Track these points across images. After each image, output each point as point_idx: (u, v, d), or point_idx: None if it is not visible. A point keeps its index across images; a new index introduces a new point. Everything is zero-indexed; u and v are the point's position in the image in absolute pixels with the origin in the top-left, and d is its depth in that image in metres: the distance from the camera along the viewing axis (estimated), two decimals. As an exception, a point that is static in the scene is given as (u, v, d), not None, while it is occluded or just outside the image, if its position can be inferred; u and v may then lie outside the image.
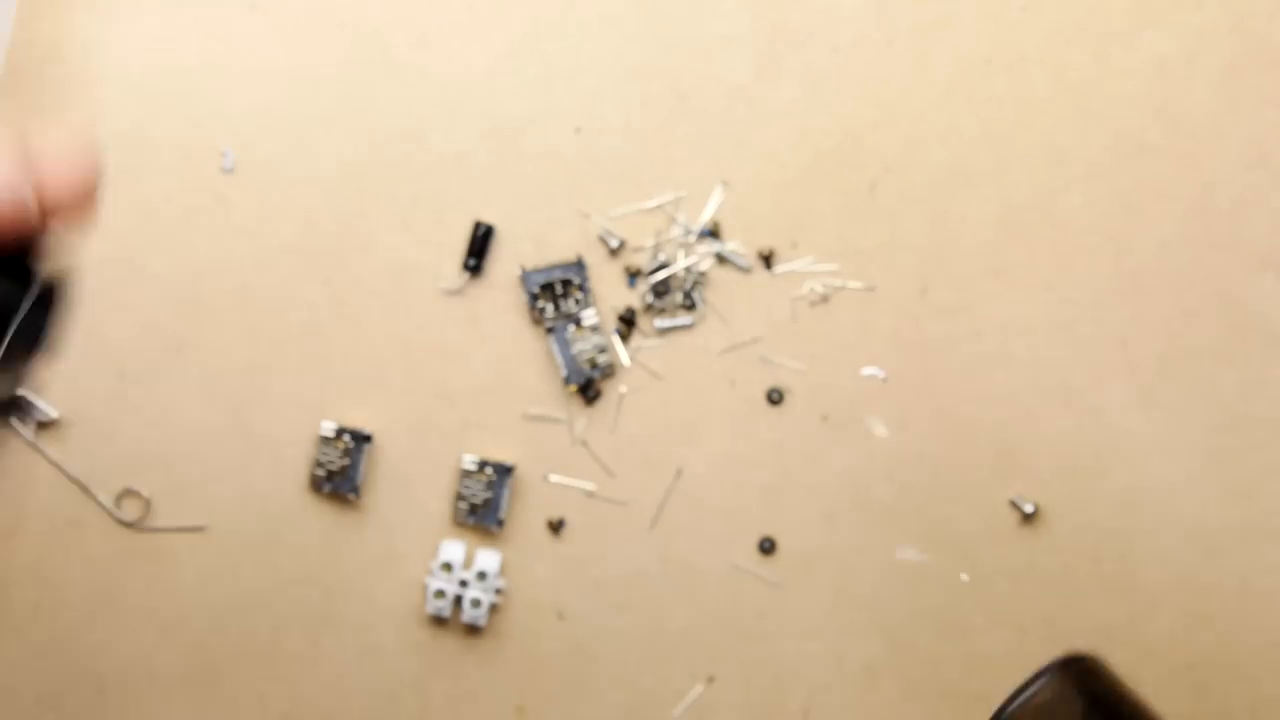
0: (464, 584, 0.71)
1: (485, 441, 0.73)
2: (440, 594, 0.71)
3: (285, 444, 0.73)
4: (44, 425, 0.72)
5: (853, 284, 0.72)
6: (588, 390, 0.72)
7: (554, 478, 0.73)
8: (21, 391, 0.38)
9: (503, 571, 0.72)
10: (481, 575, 0.71)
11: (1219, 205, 0.72)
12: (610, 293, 0.73)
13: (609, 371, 0.72)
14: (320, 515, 0.73)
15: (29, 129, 0.39)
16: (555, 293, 0.72)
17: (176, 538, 0.73)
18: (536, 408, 0.73)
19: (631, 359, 0.73)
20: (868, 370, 0.72)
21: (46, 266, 0.37)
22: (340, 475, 0.72)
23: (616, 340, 0.73)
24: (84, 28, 0.73)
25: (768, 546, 0.72)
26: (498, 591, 0.72)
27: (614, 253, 0.72)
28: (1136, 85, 0.72)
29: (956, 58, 0.72)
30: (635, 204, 0.73)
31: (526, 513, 0.73)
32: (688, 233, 0.72)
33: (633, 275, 0.72)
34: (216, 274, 0.73)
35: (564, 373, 0.72)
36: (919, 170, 0.72)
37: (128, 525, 0.73)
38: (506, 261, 0.73)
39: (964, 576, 0.72)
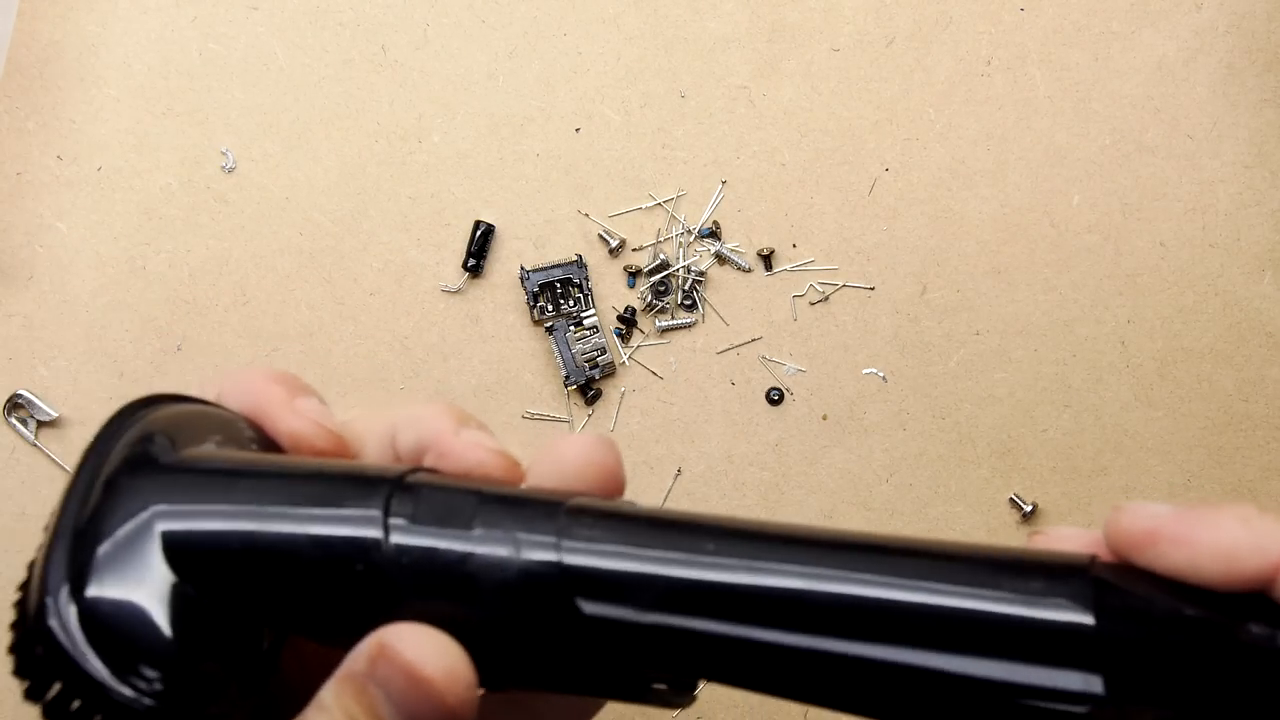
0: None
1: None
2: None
3: (285, 444, 0.73)
4: (44, 425, 0.72)
5: (853, 284, 0.72)
6: (588, 390, 0.72)
7: (554, 478, 0.73)
8: None
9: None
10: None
11: (1218, 205, 0.72)
12: (610, 293, 0.73)
13: (609, 371, 0.72)
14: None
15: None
16: (555, 292, 0.72)
17: (176, 538, 0.73)
18: (536, 408, 0.73)
19: (631, 359, 0.73)
20: (868, 370, 0.72)
21: None
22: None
23: (616, 340, 0.73)
24: (84, 27, 0.73)
25: (768, 546, 0.72)
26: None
27: (614, 252, 0.72)
28: (1136, 85, 0.72)
29: (956, 58, 0.72)
30: (635, 204, 0.73)
31: (526, 513, 0.73)
32: (687, 232, 0.72)
33: (633, 275, 0.72)
34: (216, 274, 0.73)
35: (564, 373, 0.72)
36: (919, 170, 0.72)
37: (128, 525, 0.73)
38: (506, 261, 0.73)
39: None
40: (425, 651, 0.31)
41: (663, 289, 0.72)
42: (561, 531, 0.29)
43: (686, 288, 0.72)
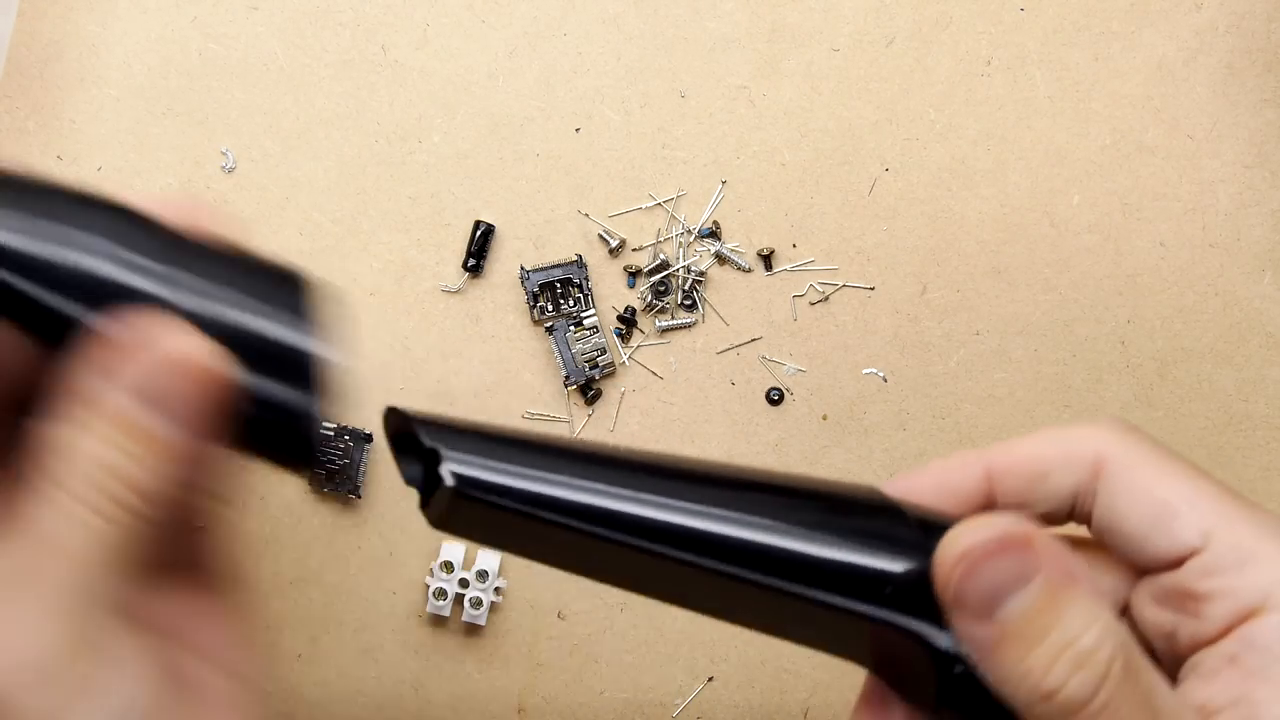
0: (464, 584, 0.71)
1: (485, 441, 0.73)
2: (440, 594, 0.71)
3: (285, 444, 0.73)
4: (44, 425, 0.72)
5: (853, 284, 0.72)
6: (588, 390, 0.72)
7: (554, 478, 0.73)
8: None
9: (503, 571, 0.72)
10: (481, 575, 0.71)
11: (1218, 205, 0.72)
12: (610, 293, 0.73)
13: (609, 371, 0.72)
14: (320, 515, 0.73)
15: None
16: (555, 292, 0.72)
17: (176, 538, 0.73)
18: (536, 408, 0.73)
19: (631, 359, 0.73)
20: (868, 370, 0.72)
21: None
22: (341, 475, 0.72)
23: (616, 340, 0.73)
24: (84, 27, 0.73)
25: (768, 546, 0.72)
26: (498, 591, 0.72)
27: (614, 253, 0.72)
28: (1136, 85, 0.72)
29: (956, 58, 0.72)
30: (635, 204, 0.73)
31: (526, 513, 0.73)
32: (687, 232, 0.72)
33: (633, 275, 0.72)
34: (216, 274, 0.73)
35: (564, 373, 0.72)
36: (919, 170, 0.72)
37: (127, 525, 0.73)
38: (506, 261, 0.73)
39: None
40: (187, 340, 0.32)
41: (663, 289, 0.72)
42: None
43: (686, 288, 0.72)
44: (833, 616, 0.37)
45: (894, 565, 0.37)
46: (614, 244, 0.72)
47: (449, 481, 0.35)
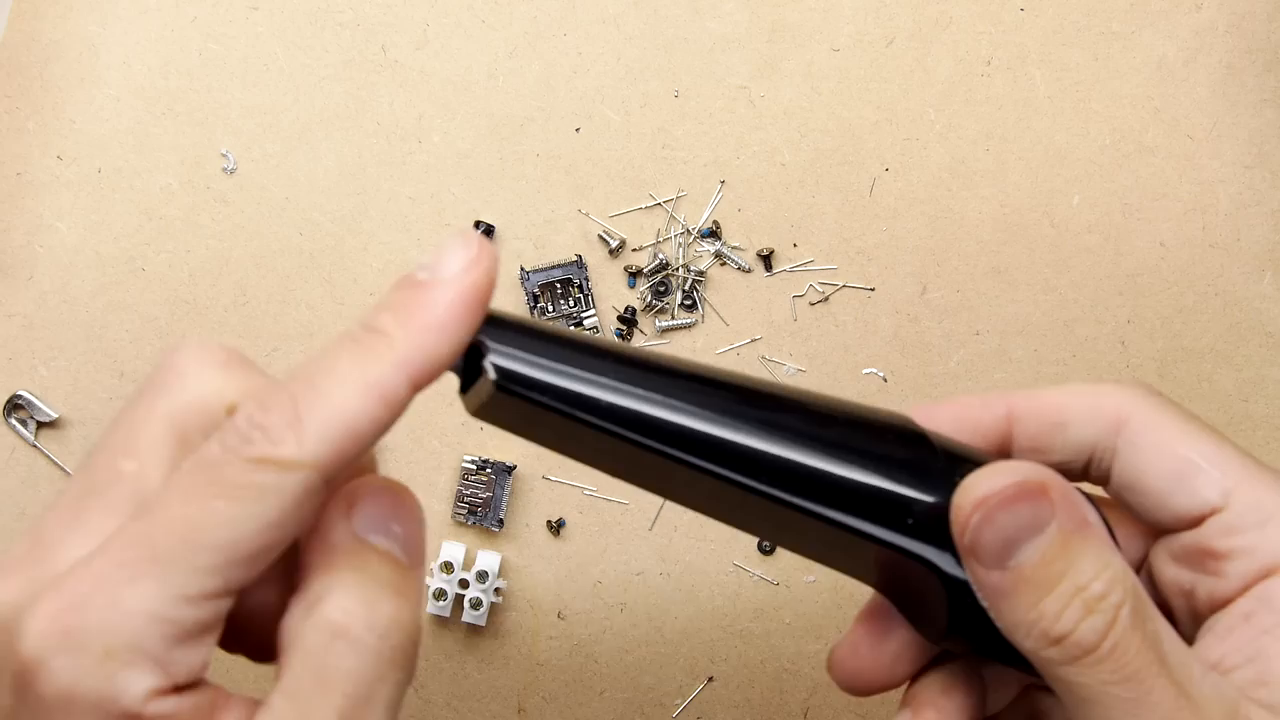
0: (464, 584, 0.71)
1: (485, 441, 0.73)
2: (440, 594, 0.71)
3: (285, 444, 0.73)
4: (44, 425, 0.72)
5: (853, 284, 0.72)
6: (588, 390, 0.72)
7: (554, 477, 0.73)
8: None
9: (503, 571, 0.72)
10: (481, 576, 0.71)
11: (1218, 205, 0.72)
12: (610, 293, 0.73)
13: (609, 371, 0.72)
14: (320, 515, 0.73)
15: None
16: (555, 293, 0.72)
17: (176, 538, 0.73)
18: (536, 408, 0.73)
19: (631, 359, 0.73)
20: (868, 370, 0.72)
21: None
22: (340, 475, 0.72)
23: (617, 341, 0.73)
24: (84, 27, 0.73)
25: (767, 547, 0.72)
26: (498, 591, 0.72)
27: (614, 253, 0.73)
28: (1136, 85, 0.72)
29: (956, 58, 0.72)
30: (635, 204, 0.73)
31: (526, 513, 0.73)
32: (687, 232, 0.72)
33: (633, 275, 0.72)
34: (216, 274, 0.73)
35: (564, 373, 0.72)
36: (919, 170, 0.72)
37: (127, 525, 0.73)
38: (506, 261, 0.73)
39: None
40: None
41: (663, 289, 0.72)
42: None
43: (686, 288, 0.72)
44: (850, 538, 0.37)
45: (917, 495, 0.37)
46: (614, 244, 0.72)
47: (490, 375, 0.35)
